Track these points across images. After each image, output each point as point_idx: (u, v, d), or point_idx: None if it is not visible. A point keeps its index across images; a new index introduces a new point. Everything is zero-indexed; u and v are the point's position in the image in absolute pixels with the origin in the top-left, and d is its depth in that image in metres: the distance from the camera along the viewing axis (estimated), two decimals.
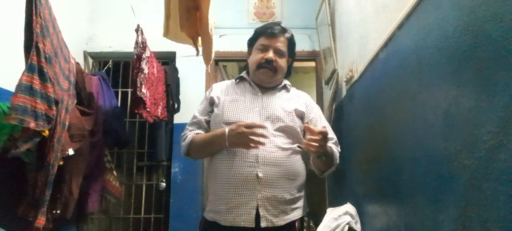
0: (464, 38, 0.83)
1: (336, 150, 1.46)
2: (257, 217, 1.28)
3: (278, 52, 1.45)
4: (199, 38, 2.10)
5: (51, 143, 1.71)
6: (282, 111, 1.41)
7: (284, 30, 1.48)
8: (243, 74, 1.56)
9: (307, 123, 1.46)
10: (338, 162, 1.45)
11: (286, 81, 1.57)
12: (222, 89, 1.53)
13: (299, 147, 1.39)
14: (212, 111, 1.48)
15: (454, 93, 0.88)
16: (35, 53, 1.52)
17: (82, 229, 2.85)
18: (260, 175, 1.28)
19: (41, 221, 1.70)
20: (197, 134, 1.45)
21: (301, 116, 1.46)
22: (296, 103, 1.48)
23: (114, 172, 2.70)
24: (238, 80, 1.55)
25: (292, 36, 1.52)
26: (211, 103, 1.50)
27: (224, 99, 1.46)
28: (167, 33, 2.12)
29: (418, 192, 1.09)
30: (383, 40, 1.43)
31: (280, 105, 1.43)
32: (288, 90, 1.55)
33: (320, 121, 1.51)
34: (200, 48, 2.20)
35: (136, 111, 2.44)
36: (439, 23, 0.96)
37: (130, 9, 2.31)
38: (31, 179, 1.74)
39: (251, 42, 1.53)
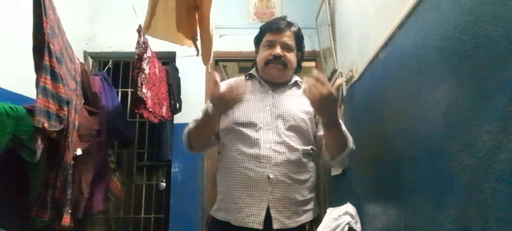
0: (464, 38, 0.83)
1: (350, 137, 1.35)
2: (267, 218, 1.26)
3: (285, 47, 1.40)
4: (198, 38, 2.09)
5: (66, 143, 1.72)
6: (294, 109, 1.37)
7: (290, 24, 1.43)
8: (253, 71, 1.53)
9: (318, 121, 1.39)
10: (352, 147, 1.34)
11: (297, 78, 1.52)
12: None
13: (312, 149, 1.35)
14: None
15: (454, 93, 0.88)
16: (47, 54, 1.52)
17: (82, 229, 2.85)
18: (271, 176, 1.27)
19: (66, 219, 1.73)
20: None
21: (312, 115, 1.39)
22: (307, 101, 1.39)
23: (116, 172, 2.71)
24: (247, 77, 1.52)
25: (299, 29, 1.46)
26: None
27: None
28: (147, 30, 2.09)
29: (418, 192, 1.09)
30: (383, 40, 1.43)
31: (292, 103, 1.39)
32: (299, 87, 1.49)
33: None
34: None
35: (136, 111, 2.44)
36: (439, 23, 0.96)
37: (130, 9, 2.31)
38: (48, 179, 1.74)
39: (258, 40, 1.49)
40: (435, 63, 0.98)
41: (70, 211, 1.95)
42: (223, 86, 1.49)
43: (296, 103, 1.40)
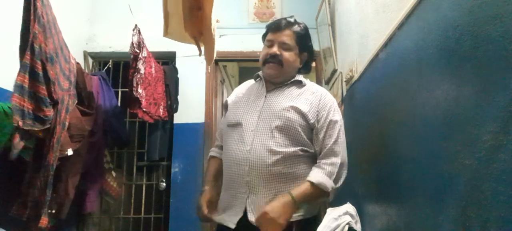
0: (464, 38, 0.83)
1: (323, 175, 1.25)
2: (245, 217, 1.26)
3: (283, 46, 1.39)
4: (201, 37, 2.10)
5: (51, 143, 1.71)
6: (281, 110, 1.33)
7: (290, 24, 1.41)
8: (260, 72, 1.52)
9: (313, 125, 1.33)
10: (333, 188, 1.26)
11: (300, 77, 1.46)
12: (237, 92, 1.54)
13: (301, 150, 1.31)
14: None
15: (454, 93, 0.88)
16: (29, 53, 1.53)
17: (82, 229, 2.85)
18: (247, 179, 1.26)
19: (44, 221, 1.71)
20: (212, 158, 1.54)
21: (304, 116, 1.33)
22: (302, 101, 1.36)
23: (113, 173, 2.70)
24: (258, 79, 1.52)
25: (302, 29, 1.44)
26: (225, 109, 1.52)
27: (231, 101, 1.48)
28: (166, 33, 2.12)
29: (418, 192, 1.09)
30: (383, 40, 1.43)
31: (282, 103, 1.35)
32: (301, 86, 1.44)
33: (325, 129, 1.32)
34: (203, 48, 2.20)
35: (131, 111, 2.44)
36: (439, 23, 0.96)
37: (129, 9, 2.31)
38: (28, 179, 1.74)
39: (263, 40, 1.50)
40: (435, 63, 0.98)
41: (51, 212, 1.93)
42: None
43: (288, 103, 1.35)
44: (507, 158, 0.68)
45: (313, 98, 1.37)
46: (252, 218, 1.25)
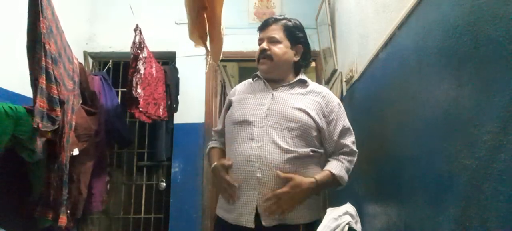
0: (464, 38, 0.83)
1: (343, 170, 1.34)
2: (258, 217, 1.25)
3: (271, 40, 1.41)
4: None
5: (62, 143, 1.73)
6: (291, 110, 1.33)
7: (277, 20, 1.44)
8: (259, 72, 1.52)
9: (322, 126, 1.35)
10: (346, 182, 1.36)
11: (302, 76, 1.47)
12: (238, 90, 1.53)
13: (312, 151, 1.31)
14: None
15: (454, 93, 0.88)
16: (43, 54, 1.53)
17: (82, 229, 2.85)
18: (259, 175, 1.26)
19: (63, 220, 1.74)
20: (213, 148, 1.53)
21: (314, 119, 1.34)
22: (310, 103, 1.37)
23: (109, 175, 2.73)
24: (256, 78, 1.52)
25: (290, 21, 1.45)
26: (228, 108, 1.50)
27: (235, 99, 1.46)
28: (191, 36, 2.10)
29: (418, 192, 1.09)
30: (383, 40, 1.43)
31: (291, 103, 1.35)
32: (304, 86, 1.44)
33: (338, 122, 1.39)
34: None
35: (129, 110, 2.44)
36: (439, 23, 0.96)
37: (130, 9, 2.31)
38: (45, 180, 1.76)
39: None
40: (435, 63, 0.98)
41: (68, 211, 1.95)
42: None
43: (297, 102, 1.36)
44: (507, 158, 0.68)
45: (320, 100, 1.40)
46: (266, 223, 1.24)
